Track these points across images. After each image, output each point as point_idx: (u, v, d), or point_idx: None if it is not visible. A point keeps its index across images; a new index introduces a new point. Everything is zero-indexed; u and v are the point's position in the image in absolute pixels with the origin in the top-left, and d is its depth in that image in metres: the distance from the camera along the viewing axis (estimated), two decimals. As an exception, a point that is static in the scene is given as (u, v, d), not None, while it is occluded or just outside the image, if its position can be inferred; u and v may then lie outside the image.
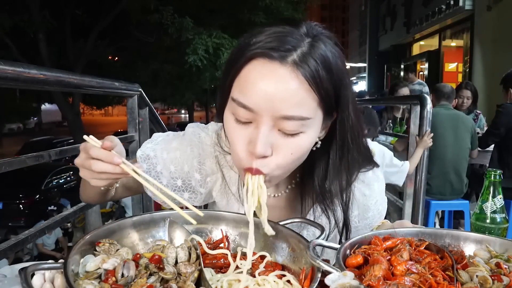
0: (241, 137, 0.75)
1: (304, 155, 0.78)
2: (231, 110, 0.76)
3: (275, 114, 0.71)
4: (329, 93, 0.73)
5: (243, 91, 0.72)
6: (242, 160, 0.76)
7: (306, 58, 0.70)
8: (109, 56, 10.51)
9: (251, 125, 0.74)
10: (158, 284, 0.67)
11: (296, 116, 0.71)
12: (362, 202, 0.95)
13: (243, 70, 0.72)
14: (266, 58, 0.70)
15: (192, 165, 0.95)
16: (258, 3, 8.13)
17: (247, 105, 0.71)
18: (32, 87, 1.22)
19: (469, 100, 4.16)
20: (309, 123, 0.73)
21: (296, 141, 0.74)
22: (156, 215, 0.85)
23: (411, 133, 2.23)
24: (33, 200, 8.85)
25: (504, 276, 0.68)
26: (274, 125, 0.72)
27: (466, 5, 10.55)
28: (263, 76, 0.70)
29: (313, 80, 0.70)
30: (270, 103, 0.70)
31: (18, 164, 1.18)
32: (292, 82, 0.70)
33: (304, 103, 0.71)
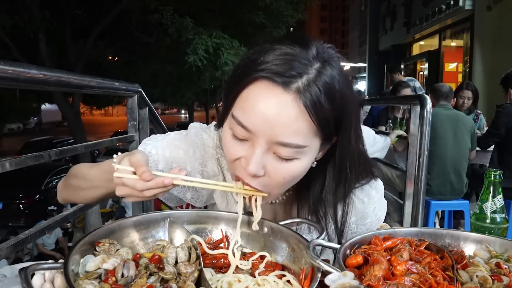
0: (236, 151, 0.76)
1: (297, 178, 0.79)
2: (229, 125, 0.76)
3: (271, 138, 0.71)
4: (329, 122, 0.73)
5: (243, 110, 0.72)
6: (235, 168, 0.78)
7: (310, 86, 0.70)
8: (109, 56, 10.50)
9: (247, 143, 0.75)
10: (158, 284, 0.67)
11: (292, 144, 0.71)
12: (360, 209, 0.95)
13: (246, 89, 0.72)
14: (270, 81, 0.70)
15: (194, 166, 0.95)
16: (258, 3, 8.12)
17: (245, 125, 0.72)
18: (32, 87, 1.22)
19: (470, 100, 4.16)
20: (305, 150, 0.73)
21: (290, 166, 0.74)
22: (156, 215, 0.85)
23: (411, 133, 2.22)
24: (33, 200, 8.85)
25: (504, 276, 0.68)
26: (269, 148, 0.73)
27: (466, 5, 10.55)
28: (264, 99, 0.70)
29: (313, 109, 0.70)
30: (267, 127, 0.70)
31: (18, 164, 1.18)
32: (292, 110, 0.69)
33: (301, 132, 0.71)
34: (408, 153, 2.24)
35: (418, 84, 5.76)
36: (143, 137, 2.14)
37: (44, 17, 7.54)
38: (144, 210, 2.20)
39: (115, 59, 10.84)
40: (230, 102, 0.76)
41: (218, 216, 0.89)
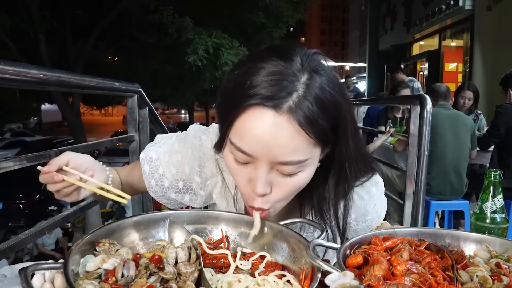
0: (242, 176, 0.78)
1: (303, 187, 0.80)
2: (230, 150, 0.78)
3: (272, 160, 0.73)
4: (325, 131, 0.74)
5: (240, 137, 0.73)
6: (243, 193, 0.81)
7: (301, 102, 0.70)
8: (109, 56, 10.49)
9: (250, 165, 0.76)
10: (158, 284, 0.67)
11: (294, 161, 0.73)
12: (360, 205, 0.96)
13: (240, 117, 0.72)
14: (261, 106, 0.70)
15: (193, 167, 0.96)
16: (258, 3, 8.12)
17: (245, 150, 0.73)
18: (32, 87, 1.22)
19: (471, 101, 4.16)
20: (307, 163, 0.75)
21: (295, 180, 0.77)
22: (156, 215, 0.85)
23: (411, 133, 2.22)
24: (33, 200, 8.85)
25: (504, 276, 0.68)
26: (272, 168, 0.75)
27: (466, 5, 10.55)
28: (259, 124, 0.70)
29: (308, 125, 0.70)
30: (266, 150, 0.71)
31: (18, 164, 1.18)
32: (287, 130, 0.70)
33: (300, 148, 0.72)
34: (408, 153, 2.24)
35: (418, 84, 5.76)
36: (143, 137, 2.14)
37: (44, 17, 7.53)
38: (144, 210, 2.20)
39: (115, 59, 10.84)
40: (225, 129, 0.77)
41: (218, 216, 0.89)
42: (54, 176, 0.87)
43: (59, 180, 0.87)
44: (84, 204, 1.65)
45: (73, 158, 0.91)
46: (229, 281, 0.71)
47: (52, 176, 0.87)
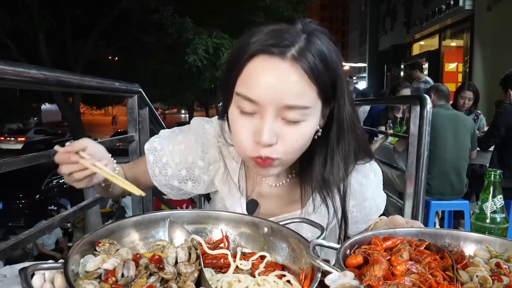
0: (247, 128, 0.79)
1: (307, 141, 0.82)
2: (236, 104, 0.80)
3: (278, 104, 0.75)
4: (326, 84, 0.78)
5: (247, 85, 0.77)
6: (248, 150, 0.80)
7: (304, 52, 0.75)
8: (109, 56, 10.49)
9: (255, 116, 0.78)
10: (158, 284, 0.67)
11: (298, 105, 0.76)
12: (359, 191, 0.98)
13: (246, 67, 0.77)
14: (266, 54, 0.75)
15: (196, 153, 0.99)
16: (258, 3, 8.12)
17: (252, 97, 0.76)
18: (32, 87, 1.22)
19: (471, 101, 4.15)
20: (309, 111, 0.78)
21: (299, 129, 0.79)
22: (156, 215, 0.85)
23: (411, 133, 2.22)
24: (33, 200, 8.85)
25: (504, 276, 0.68)
26: (278, 115, 0.77)
27: (466, 5, 10.54)
28: (265, 70, 0.75)
29: (311, 72, 0.75)
30: (273, 95, 0.75)
31: (18, 164, 1.18)
32: (292, 75, 0.74)
33: (304, 93, 0.76)
34: (408, 153, 2.24)
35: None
36: (143, 137, 2.13)
37: (44, 17, 7.53)
38: (144, 210, 2.20)
39: (115, 59, 10.83)
40: (231, 85, 0.80)
41: (218, 216, 0.89)
42: (71, 157, 0.85)
43: (75, 161, 0.85)
44: (84, 204, 1.65)
45: (90, 145, 0.89)
46: (229, 281, 0.71)
47: (69, 156, 0.85)
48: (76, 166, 0.85)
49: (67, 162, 0.86)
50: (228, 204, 1.01)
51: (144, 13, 7.83)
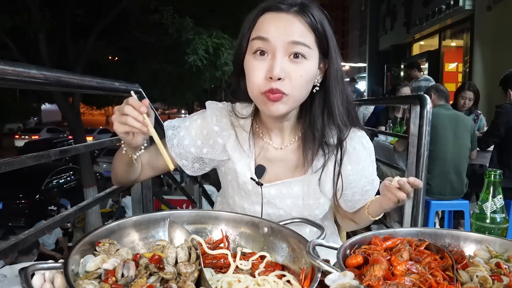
0: (260, 68, 0.94)
1: (310, 79, 0.97)
2: (250, 51, 0.96)
3: (286, 40, 0.92)
4: (322, 37, 0.97)
5: (261, 30, 0.95)
6: (261, 85, 0.94)
7: (304, 11, 0.95)
8: (109, 56, 10.48)
9: (267, 58, 0.94)
10: (158, 284, 0.67)
11: (302, 42, 0.93)
12: (353, 154, 1.08)
13: (258, 20, 0.96)
14: (274, 10, 0.95)
15: (211, 121, 1.12)
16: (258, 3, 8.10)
17: (264, 36, 0.93)
18: (32, 87, 1.22)
19: (471, 101, 4.16)
20: (311, 52, 0.95)
21: (303, 66, 0.94)
22: (156, 215, 0.85)
23: (411, 133, 2.22)
24: (33, 200, 8.85)
25: (504, 276, 0.68)
26: (285, 53, 0.93)
27: (466, 5, 10.54)
28: (274, 19, 0.94)
29: (310, 24, 0.95)
30: (281, 33, 0.93)
31: (18, 164, 1.18)
32: (296, 22, 0.94)
33: (306, 35, 0.94)
34: (408, 153, 2.24)
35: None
36: (143, 137, 2.13)
37: (44, 17, 7.52)
38: (144, 210, 2.19)
39: (115, 59, 10.82)
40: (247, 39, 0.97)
41: (218, 216, 0.89)
42: (141, 107, 0.88)
43: (143, 112, 0.89)
44: (84, 204, 1.65)
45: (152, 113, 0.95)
46: (229, 281, 0.71)
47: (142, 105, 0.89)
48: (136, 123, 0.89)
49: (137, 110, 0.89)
50: (238, 168, 1.10)
51: (144, 13, 7.82)
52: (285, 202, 1.10)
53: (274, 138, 1.10)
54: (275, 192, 1.09)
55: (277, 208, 1.11)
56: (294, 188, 1.09)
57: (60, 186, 10.15)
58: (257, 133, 1.12)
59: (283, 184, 1.09)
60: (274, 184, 1.09)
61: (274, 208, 1.11)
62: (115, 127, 0.92)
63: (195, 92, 12.22)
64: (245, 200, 1.13)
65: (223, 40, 7.53)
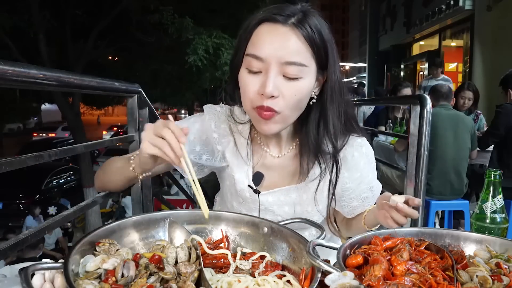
0: (253, 84, 0.92)
1: (304, 98, 0.95)
2: (245, 66, 0.94)
3: (280, 60, 0.89)
4: (320, 49, 0.93)
5: (255, 46, 0.92)
6: (253, 100, 0.93)
7: (302, 22, 0.90)
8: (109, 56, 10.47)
9: (261, 74, 0.92)
10: (158, 284, 0.67)
11: (297, 62, 0.90)
12: (351, 162, 1.07)
13: (254, 32, 0.93)
14: (271, 21, 0.91)
15: (209, 128, 1.10)
16: (258, 3, 8.09)
17: (259, 55, 0.90)
18: (32, 87, 1.22)
19: (471, 101, 4.16)
20: (306, 70, 0.92)
21: (297, 85, 0.92)
22: (156, 215, 0.85)
23: (411, 133, 2.22)
24: (33, 200, 8.85)
25: (504, 276, 0.68)
26: (279, 71, 0.90)
27: (466, 5, 10.54)
28: (270, 33, 0.91)
29: (308, 38, 0.90)
30: (276, 52, 0.89)
31: (18, 164, 1.18)
32: (292, 37, 0.90)
33: (302, 52, 0.91)
34: (408, 153, 2.24)
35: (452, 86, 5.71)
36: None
37: (44, 17, 7.52)
38: (144, 210, 2.19)
39: (115, 59, 10.82)
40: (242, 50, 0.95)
41: (218, 216, 0.89)
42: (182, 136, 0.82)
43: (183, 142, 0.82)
44: (84, 204, 1.65)
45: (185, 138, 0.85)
46: (229, 281, 0.71)
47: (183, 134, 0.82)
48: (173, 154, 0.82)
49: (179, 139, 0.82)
50: (236, 176, 1.09)
51: (144, 13, 7.82)
52: (283, 209, 1.10)
53: (272, 146, 1.10)
54: (272, 199, 1.09)
55: (275, 215, 1.10)
56: (291, 195, 1.09)
57: (60, 186, 10.15)
58: (255, 139, 1.11)
59: (280, 192, 1.09)
60: (272, 191, 1.09)
61: (272, 214, 1.10)
62: (143, 146, 0.85)
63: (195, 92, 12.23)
64: (243, 206, 1.13)
65: (223, 40, 7.53)
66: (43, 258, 0.71)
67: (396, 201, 0.84)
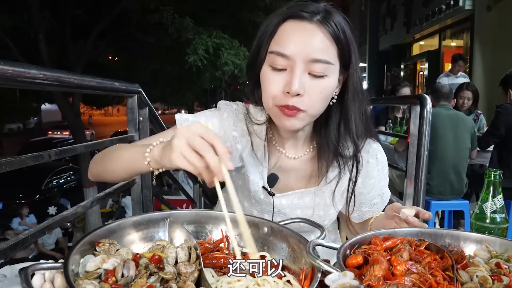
0: (277, 82, 0.90)
1: (328, 96, 0.94)
2: (268, 63, 0.92)
3: (306, 58, 0.88)
4: (344, 48, 0.92)
5: (280, 43, 0.90)
6: (277, 98, 0.90)
7: (327, 20, 0.90)
8: (109, 56, 10.47)
9: (285, 72, 0.90)
10: (158, 284, 0.67)
11: (323, 59, 0.89)
12: (365, 168, 1.06)
13: (279, 29, 0.91)
14: (297, 18, 0.90)
15: (228, 126, 1.07)
16: (258, 3, 8.09)
17: (284, 53, 0.88)
18: (32, 87, 1.22)
19: (470, 101, 4.16)
20: (332, 68, 0.91)
21: (323, 83, 0.91)
22: (156, 215, 0.85)
23: (411, 133, 2.21)
24: (33, 200, 8.84)
25: (504, 276, 0.68)
26: (305, 69, 0.89)
27: (466, 5, 10.53)
28: (296, 30, 0.89)
29: (333, 35, 0.90)
30: (302, 50, 0.88)
31: (18, 164, 1.18)
32: (318, 34, 0.89)
33: (328, 50, 0.90)
34: (408, 153, 2.24)
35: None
36: (143, 137, 2.13)
37: (44, 17, 7.52)
38: (144, 210, 2.19)
39: (115, 59, 10.81)
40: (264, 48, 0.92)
41: (218, 216, 0.89)
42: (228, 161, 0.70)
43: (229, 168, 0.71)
44: (84, 204, 1.65)
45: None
46: (229, 281, 0.71)
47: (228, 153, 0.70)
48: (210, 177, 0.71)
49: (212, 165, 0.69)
50: (251, 177, 1.06)
51: (144, 13, 7.81)
52: (295, 212, 1.09)
53: (288, 147, 1.07)
54: (286, 202, 1.08)
55: (286, 217, 1.08)
56: (305, 199, 1.08)
57: (60, 186, 10.15)
58: (271, 140, 1.08)
59: (294, 195, 1.08)
60: (286, 194, 1.08)
61: (283, 217, 1.09)
62: (174, 157, 0.71)
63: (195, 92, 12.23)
64: (255, 207, 1.12)
65: (223, 40, 7.52)
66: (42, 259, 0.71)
67: (407, 214, 0.85)
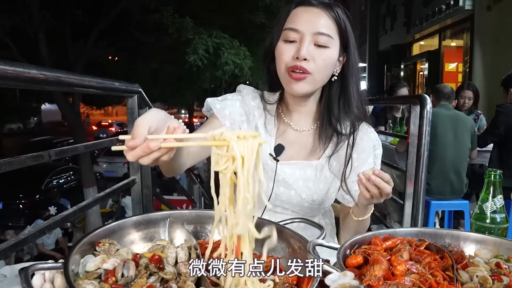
0: (289, 50, 1.11)
1: (330, 66, 1.13)
2: (282, 38, 1.13)
3: (313, 30, 1.09)
4: (343, 32, 1.14)
5: (293, 21, 1.12)
6: (288, 63, 1.10)
7: (330, 7, 1.12)
8: (109, 56, 10.47)
9: (295, 43, 1.11)
10: (158, 284, 0.67)
11: (326, 33, 1.10)
12: (359, 144, 1.21)
13: (291, 12, 1.14)
14: (306, 5, 1.13)
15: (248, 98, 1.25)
16: (258, 3, 8.09)
17: (295, 27, 1.11)
18: (32, 87, 1.22)
19: (471, 100, 4.16)
20: (333, 42, 1.12)
21: (326, 52, 1.11)
22: (156, 215, 0.85)
23: (411, 133, 2.21)
24: (33, 200, 8.85)
25: (504, 276, 0.68)
26: (312, 40, 1.10)
27: (466, 5, 10.52)
28: (305, 12, 1.12)
29: (335, 19, 1.12)
30: (310, 25, 1.10)
31: (18, 164, 1.18)
32: (323, 15, 1.12)
33: (330, 27, 1.11)
34: (408, 153, 2.24)
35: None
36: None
37: (44, 17, 7.52)
38: (144, 210, 2.19)
39: (115, 59, 10.81)
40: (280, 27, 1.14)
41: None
42: (150, 145, 0.68)
43: (156, 148, 0.69)
44: (84, 204, 1.65)
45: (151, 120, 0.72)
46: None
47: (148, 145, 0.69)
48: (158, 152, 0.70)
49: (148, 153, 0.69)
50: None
51: (144, 13, 7.81)
52: (297, 183, 1.19)
53: (295, 120, 1.24)
54: (289, 171, 1.20)
55: (289, 187, 1.19)
56: (307, 171, 1.20)
57: (60, 186, 10.15)
58: (280, 115, 1.26)
59: (297, 165, 1.20)
60: (290, 163, 1.20)
61: (286, 186, 1.19)
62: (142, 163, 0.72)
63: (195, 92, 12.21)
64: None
65: (223, 40, 7.52)
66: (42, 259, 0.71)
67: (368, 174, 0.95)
